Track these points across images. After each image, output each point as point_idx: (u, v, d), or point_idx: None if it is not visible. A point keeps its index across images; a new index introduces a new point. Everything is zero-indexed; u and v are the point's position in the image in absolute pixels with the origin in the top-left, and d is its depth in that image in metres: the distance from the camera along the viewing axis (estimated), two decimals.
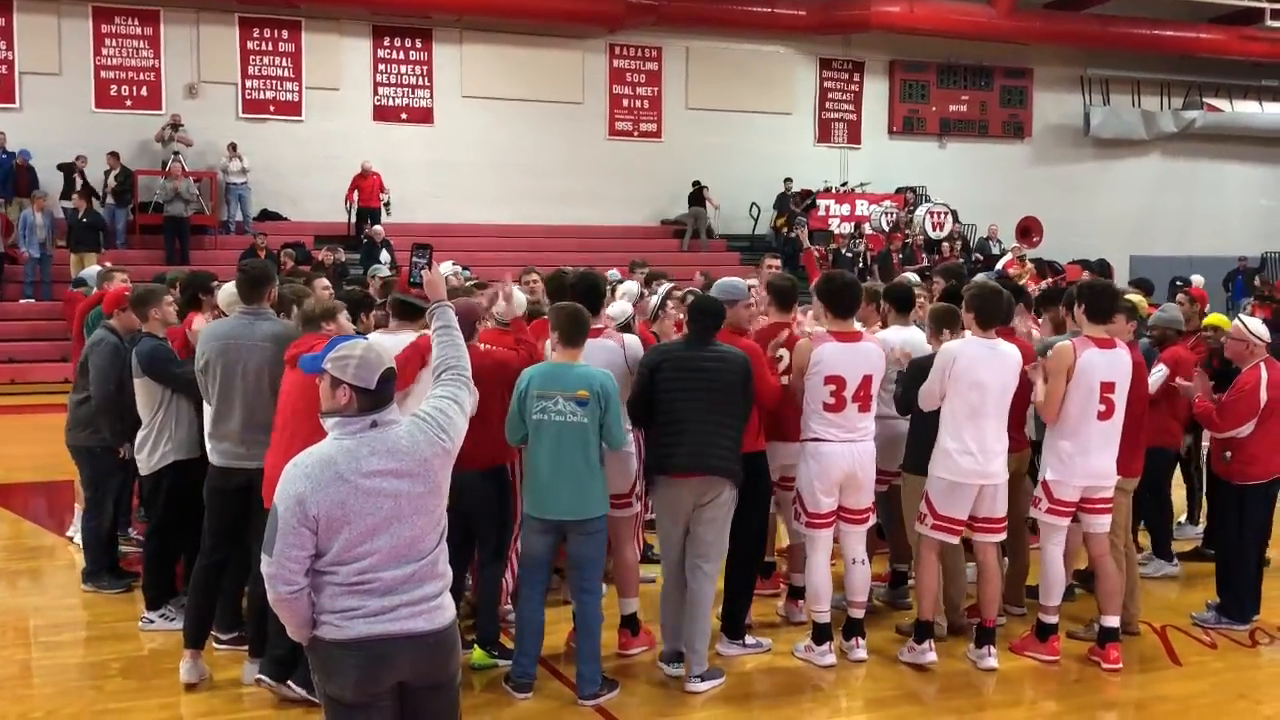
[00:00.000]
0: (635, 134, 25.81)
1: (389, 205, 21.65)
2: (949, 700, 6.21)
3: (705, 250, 24.50)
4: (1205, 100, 29.78)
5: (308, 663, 5.54)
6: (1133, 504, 7.29)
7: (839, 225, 25.41)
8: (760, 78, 26.32)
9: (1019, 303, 7.62)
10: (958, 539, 6.64)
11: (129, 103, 22.09)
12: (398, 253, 20.35)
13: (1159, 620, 7.31)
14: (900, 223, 24.68)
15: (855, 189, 26.17)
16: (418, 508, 3.79)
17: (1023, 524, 7.24)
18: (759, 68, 26.33)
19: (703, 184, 24.69)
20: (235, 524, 6.21)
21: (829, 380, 6.42)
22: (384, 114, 23.87)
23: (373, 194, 21.79)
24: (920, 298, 8.36)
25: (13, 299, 19.53)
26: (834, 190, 26.14)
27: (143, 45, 22.15)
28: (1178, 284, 13.14)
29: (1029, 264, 20.65)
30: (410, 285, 4.90)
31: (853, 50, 27.25)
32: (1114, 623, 6.68)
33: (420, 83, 24.07)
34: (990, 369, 6.42)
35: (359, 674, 3.75)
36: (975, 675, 6.52)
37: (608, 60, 25.52)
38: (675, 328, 7.62)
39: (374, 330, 6.69)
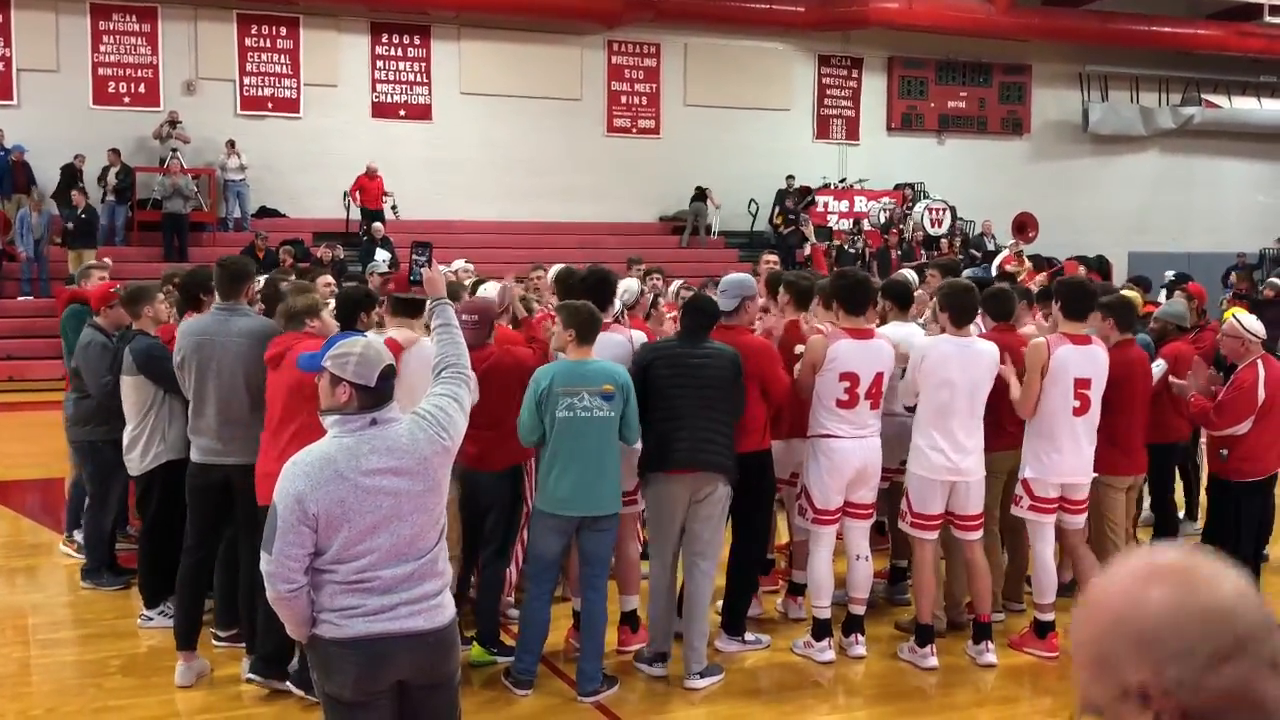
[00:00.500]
0: (634, 130, 25.79)
1: (396, 209, 21.52)
2: (948, 696, 6.22)
3: (704, 247, 24.50)
4: (1203, 96, 29.75)
5: (304, 660, 5.58)
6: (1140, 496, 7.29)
7: (837, 222, 25.41)
8: (759, 74, 26.30)
9: (1023, 300, 7.63)
10: (935, 536, 6.62)
11: (127, 100, 22.05)
12: (397, 250, 20.37)
13: None
14: (895, 219, 24.63)
15: (854, 185, 26.16)
16: (417, 506, 3.79)
17: (1021, 522, 7.22)
18: (757, 64, 26.31)
19: (705, 188, 24.69)
20: (217, 520, 6.23)
21: (843, 377, 6.43)
22: (382, 111, 23.84)
23: (376, 196, 21.71)
24: (918, 293, 8.40)
25: (10, 296, 19.51)
26: (832, 187, 26.14)
27: (140, 42, 22.11)
28: (1171, 280, 13.09)
29: (1026, 260, 20.67)
30: (410, 283, 4.90)
31: (851, 46, 27.22)
32: None
33: (419, 79, 24.05)
34: (960, 367, 6.41)
35: (358, 672, 3.75)
36: (974, 671, 6.52)
37: (606, 57, 25.50)
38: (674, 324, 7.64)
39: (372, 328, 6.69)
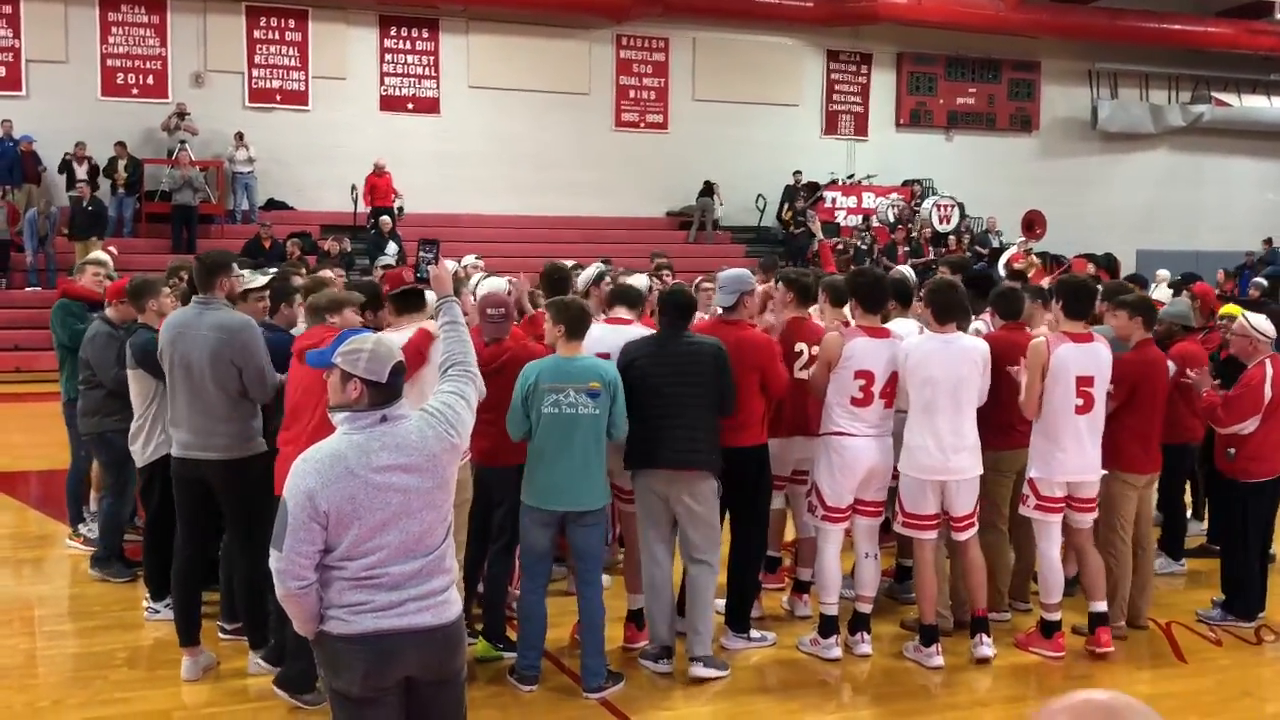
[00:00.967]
0: (642, 125, 25.76)
1: (402, 210, 21.49)
2: (953, 695, 6.21)
3: (711, 242, 24.48)
4: (1213, 94, 29.66)
5: (295, 659, 5.59)
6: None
7: (845, 218, 25.36)
8: (767, 69, 26.26)
9: (1038, 299, 7.63)
10: (930, 535, 6.60)
11: (135, 91, 22.07)
12: (405, 243, 20.39)
13: (1164, 616, 7.31)
14: (903, 216, 24.57)
15: (862, 181, 26.12)
16: (426, 503, 3.79)
17: (1028, 521, 7.21)
18: (766, 59, 26.27)
19: (714, 183, 24.66)
20: (202, 515, 6.25)
21: (859, 375, 6.43)
22: (390, 104, 23.83)
23: (386, 193, 21.65)
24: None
25: (18, 287, 19.54)
26: (840, 182, 26.10)
27: (149, 34, 22.11)
28: (1177, 280, 13.05)
29: (1034, 257, 20.62)
30: (417, 280, 4.90)
31: (860, 42, 27.17)
32: (1102, 607, 6.72)
33: (427, 73, 24.04)
34: (942, 364, 6.39)
35: (366, 669, 3.75)
36: (979, 670, 6.52)
37: (614, 51, 25.47)
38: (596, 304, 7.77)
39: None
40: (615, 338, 6.53)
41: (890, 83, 27.69)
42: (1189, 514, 9.32)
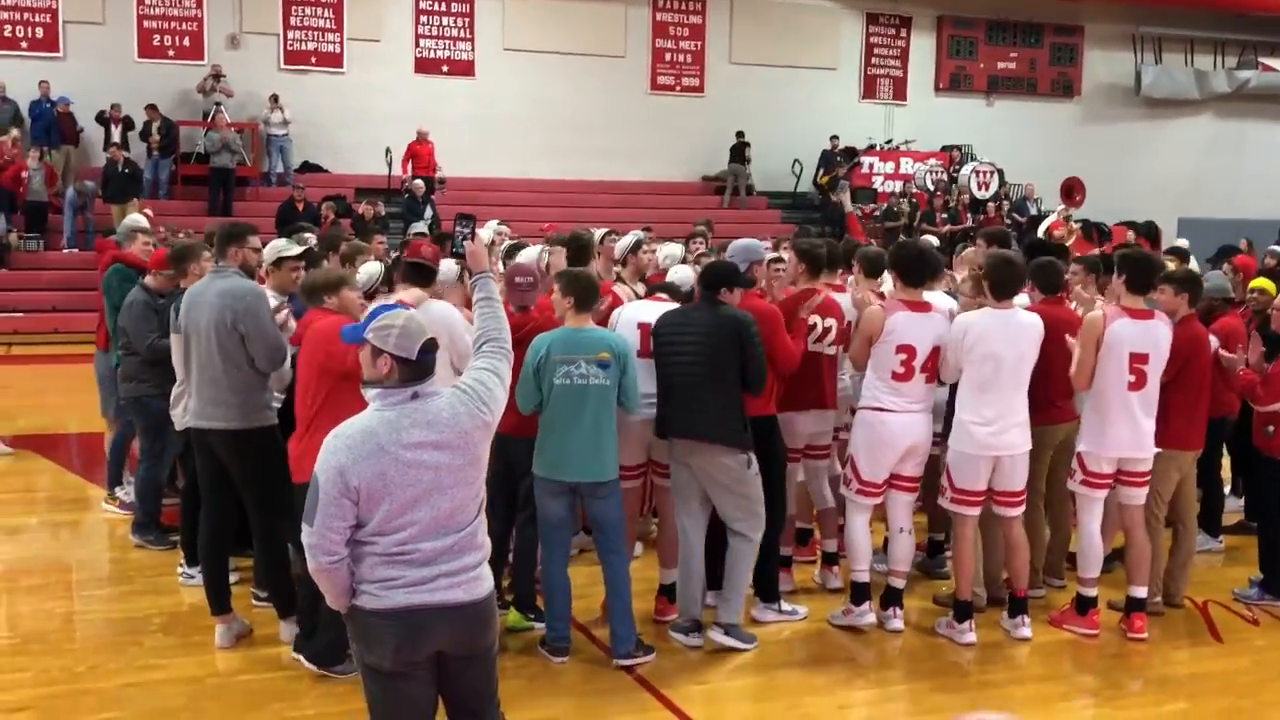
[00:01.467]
0: (678, 89, 25.58)
1: (443, 182, 21.39)
2: (986, 673, 6.18)
3: (745, 207, 24.34)
4: (1260, 60, 29.13)
5: (326, 627, 5.61)
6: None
7: (883, 183, 25.15)
8: (805, 32, 25.99)
9: (1092, 272, 7.53)
10: (977, 512, 6.55)
11: (171, 53, 22.09)
12: (439, 207, 20.37)
13: (1201, 594, 7.24)
14: (938, 185, 24.28)
15: (900, 147, 25.87)
16: (458, 479, 3.79)
17: (1065, 494, 7.15)
18: (804, 22, 26.00)
19: (745, 139, 24.44)
20: (222, 483, 6.25)
21: (900, 349, 6.38)
22: (425, 66, 23.75)
23: (428, 162, 21.56)
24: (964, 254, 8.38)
25: (56, 248, 19.68)
26: (878, 148, 25.85)
27: None
28: (1217, 252, 12.85)
29: (1075, 225, 20.38)
30: (453, 255, 4.88)
31: (900, 5, 26.85)
32: (1142, 593, 6.67)
33: (462, 35, 23.94)
34: (1004, 340, 6.32)
35: (397, 643, 3.76)
36: (1012, 647, 6.48)
37: (650, 13, 25.26)
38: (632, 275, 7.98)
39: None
40: (653, 313, 6.48)
41: (930, 46, 27.36)
42: (1226, 490, 9.22)
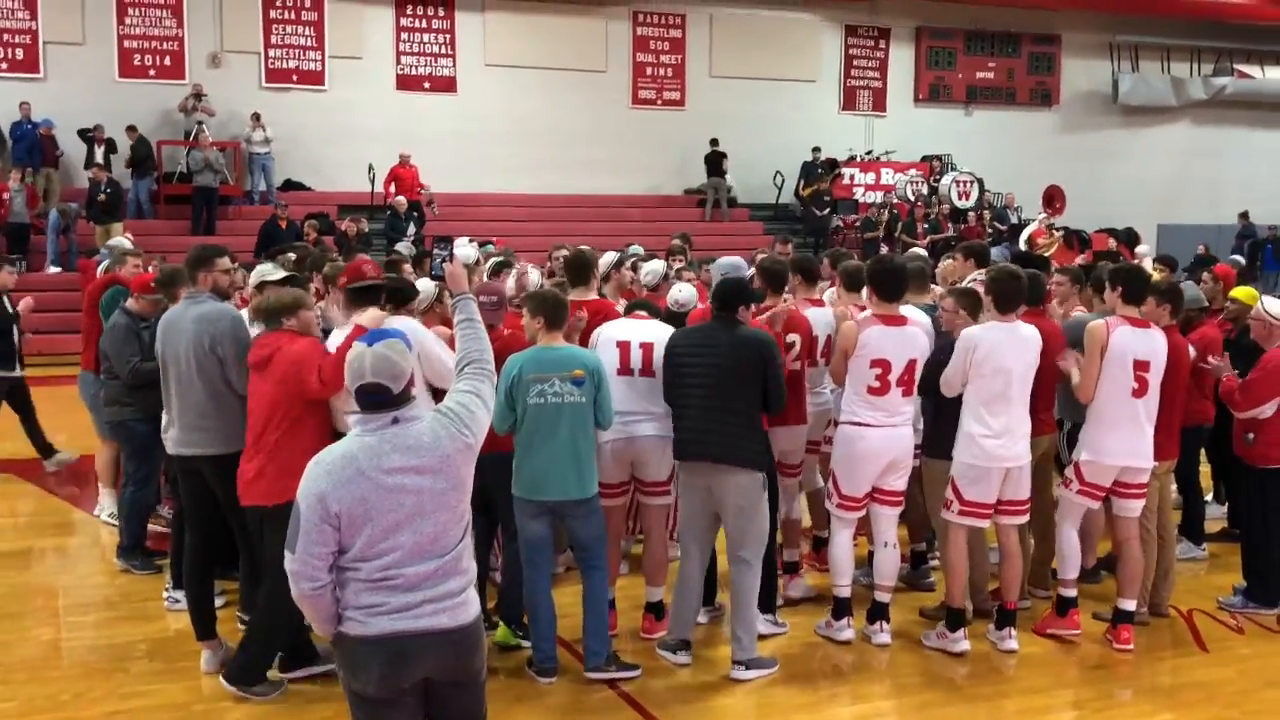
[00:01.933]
0: (659, 102, 25.65)
1: (433, 204, 21.21)
2: (974, 686, 6.19)
3: (726, 220, 24.40)
4: (1235, 66, 29.39)
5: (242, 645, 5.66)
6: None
7: (864, 194, 25.25)
8: (785, 45, 26.10)
9: (1076, 283, 7.57)
10: (987, 523, 6.61)
11: (152, 72, 22.09)
12: (430, 222, 20.34)
13: (1186, 604, 7.27)
14: (918, 195, 24.33)
15: (880, 158, 25.96)
16: (440, 504, 3.78)
17: (1051, 507, 7.19)
18: (784, 35, 26.11)
19: (720, 147, 24.44)
20: (206, 509, 6.24)
21: (874, 364, 6.40)
22: (407, 83, 23.79)
23: (411, 186, 21.42)
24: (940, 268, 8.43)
25: (38, 270, 19.60)
26: (859, 159, 25.94)
27: (165, 14, 22.10)
28: (1194, 260, 12.98)
29: (1057, 233, 20.49)
30: (432, 278, 4.89)
31: (878, 16, 26.99)
32: (1130, 606, 6.72)
33: (443, 51, 23.98)
34: (1012, 353, 6.39)
35: (382, 670, 3.76)
36: (999, 659, 6.50)
37: (631, 28, 25.35)
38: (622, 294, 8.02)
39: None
40: (632, 331, 6.53)
41: (909, 57, 27.50)
42: (1209, 498, 9.27)
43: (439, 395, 5.40)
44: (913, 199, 23.91)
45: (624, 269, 8.68)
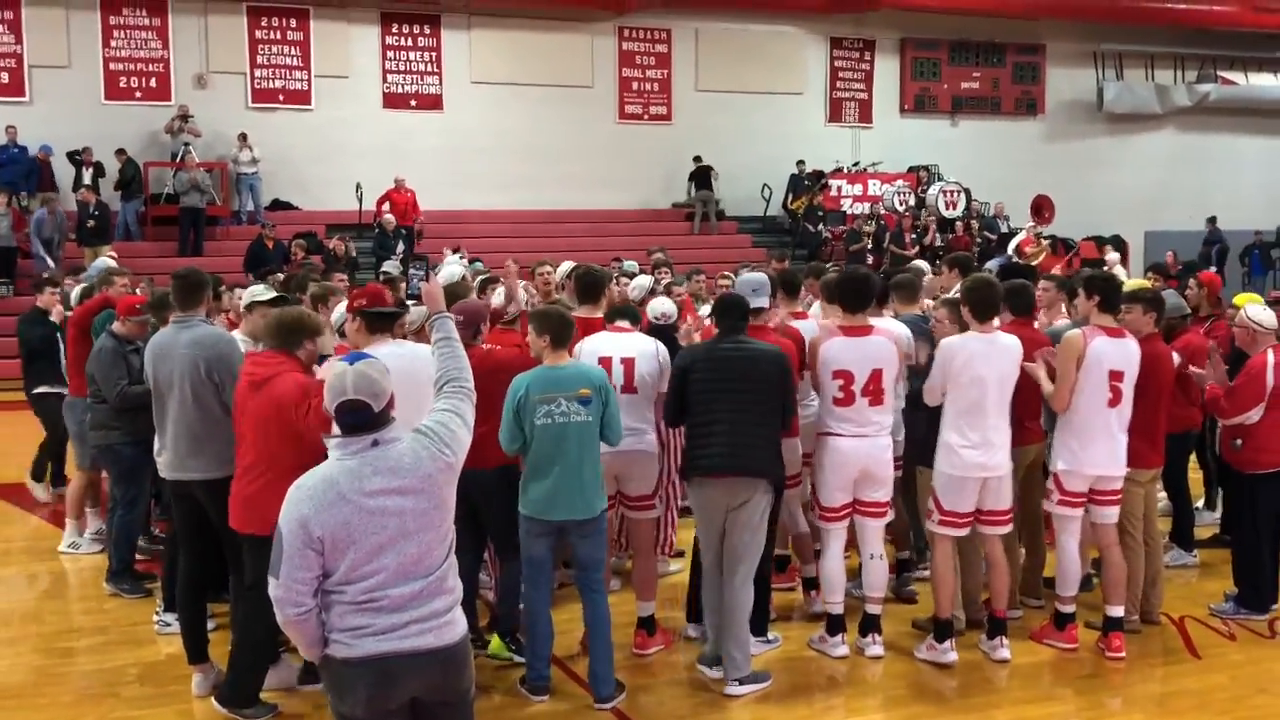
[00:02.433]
0: (645, 117, 25.70)
1: (421, 234, 21.06)
2: (966, 697, 6.19)
3: (715, 233, 24.43)
4: (1219, 73, 29.48)
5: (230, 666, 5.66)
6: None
7: (851, 205, 25.30)
8: (771, 58, 26.17)
9: (1062, 289, 7.59)
10: (965, 532, 6.61)
11: (139, 94, 22.09)
12: (418, 241, 20.33)
13: (1177, 611, 7.28)
14: (906, 205, 24.35)
15: (867, 169, 26.03)
16: (423, 524, 3.78)
17: (1040, 516, 7.21)
18: (769, 48, 26.18)
19: (703, 161, 24.51)
20: (198, 534, 6.19)
21: (836, 375, 6.44)
22: (393, 101, 23.81)
23: (406, 210, 21.26)
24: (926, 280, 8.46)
25: (25, 293, 19.53)
26: (846, 170, 26.01)
27: (151, 36, 22.12)
28: (1181, 268, 13.02)
29: (1044, 242, 20.55)
30: (408, 297, 4.89)
31: (863, 29, 27.07)
32: (1118, 612, 6.73)
33: (429, 69, 24.01)
34: (989, 363, 6.40)
35: (370, 692, 3.75)
36: (991, 669, 6.50)
37: (617, 43, 25.40)
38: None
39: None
40: (614, 346, 6.53)
41: (894, 69, 27.58)
42: (1200, 503, 9.29)
43: None
44: (900, 210, 23.97)
45: (612, 285, 8.71)
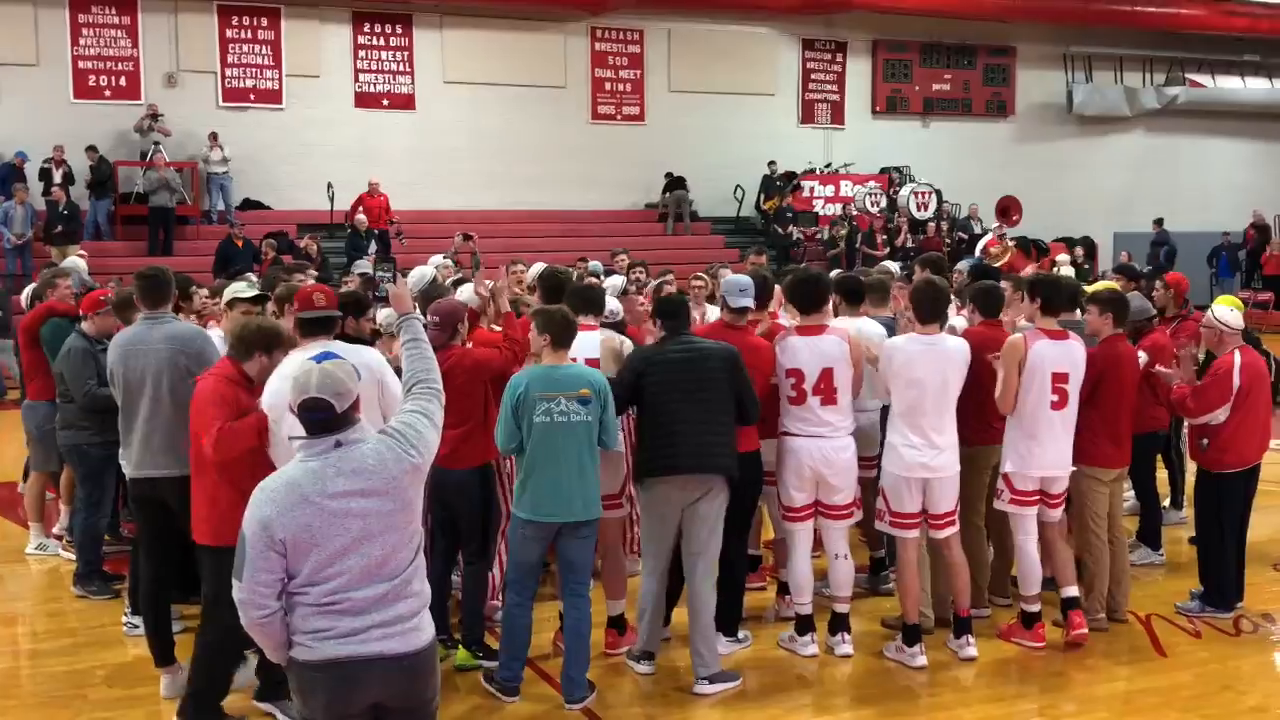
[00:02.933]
0: (618, 118, 25.70)
1: (400, 236, 20.86)
2: (935, 695, 6.23)
3: (689, 234, 24.45)
4: (1188, 76, 29.72)
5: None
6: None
7: (823, 206, 25.38)
8: (743, 59, 26.21)
9: (1019, 290, 7.64)
10: (915, 533, 6.62)
11: (108, 93, 21.91)
12: (392, 239, 20.25)
13: (1144, 609, 7.35)
14: (875, 206, 24.42)
15: (839, 170, 26.12)
16: (387, 526, 3.75)
17: (1005, 517, 7.24)
18: (741, 49, 26.22)
19: (675, 174, 24.58)
20: (163, 534, 6.13)
21: (789, 373, 6.50)
22: (365, 101, 23.71)
23: (380, 215, 21.15)
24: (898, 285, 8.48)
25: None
26: (818, 171, 26.09)
27: (121, 35, 21.94)
28: (1149, 269, 13.11)
29: (1010, 243, 20.66)
30: (375, 299, 4.90)
31: (835, 30, 27.15)
32: (1073, 592, 6.83)
33: (401, 69, 23.93)
34: (927, 366, 6.42)
35: (329, 696, 3.72)
36: (959, 668, 6.54)
37: (589, 44, 25.38)
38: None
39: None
40: (578, 347, 6.44)
41: (866, 70, 27.68)
42: (1167, 503, 9.36)
43: None
44: (873, 211, 24.06)
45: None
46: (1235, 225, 28.28)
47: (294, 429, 3.82)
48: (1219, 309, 7.38)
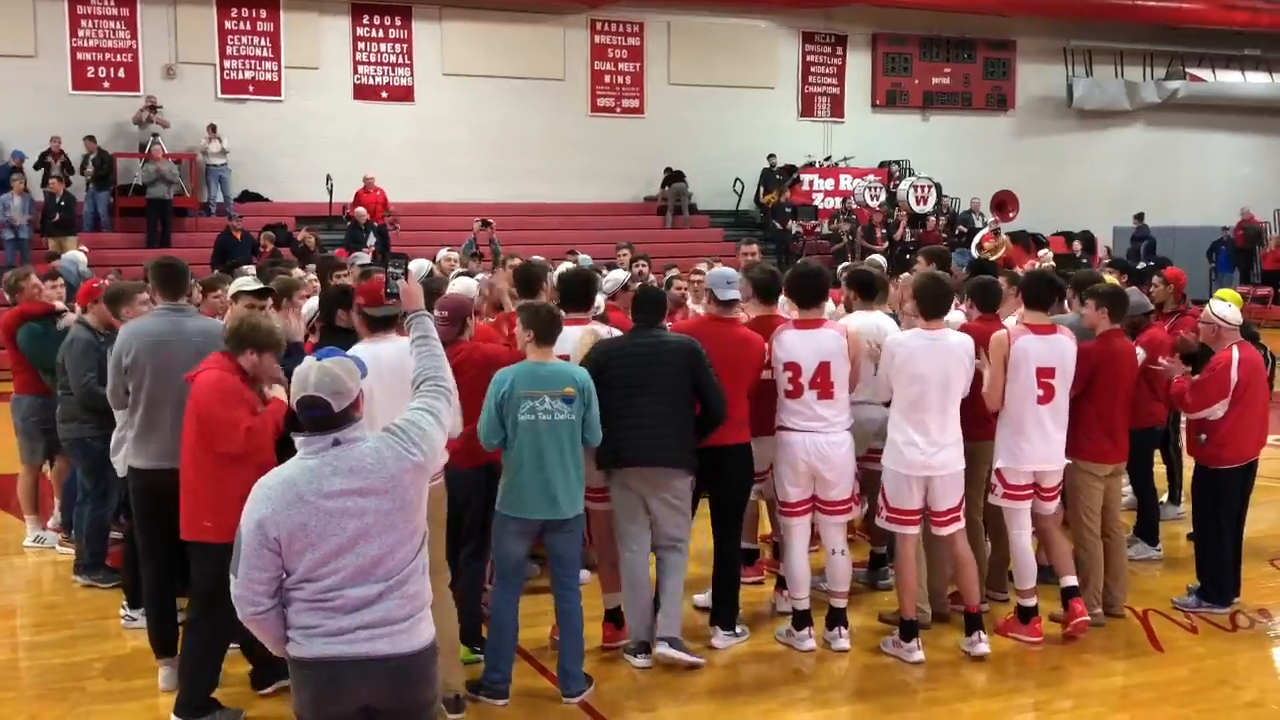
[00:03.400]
0: (617, 110, 25.68)
1: (395, 226, 20.92)
2: (933, 690, 6.23)
3: (688, 227, 24.45)
4: (1188, 70, 29.72)
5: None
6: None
7: (823, 200, 25.37)
8: (742, 52, 26.19)
9: (1014, 284, 7.64)
10: (914, 530, 6.61)
11: (106, 85, 21.90)
12: (390, 233, 20.22)
13: (1143, 603, 7.35)
14: (875, 200, 24.40)
15: (839, 164, 26.10)
16: (385, 525, 3.71)
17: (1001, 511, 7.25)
18: (741, 42, 26.20)
19: (675, 169, 24.60)
20: (161, 535, 6.04)
21: (787, 367, 6.51)
22: (364, 93, 23.71)
23: (376, 209, 21.11)
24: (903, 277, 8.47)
25: None
26: (818, 165, 26.08)
27: (119, 26, 21.93)
28: (1147, 265, 13.10)
29: (1004, 237, 20.69)
30: (387, 296, 4.89)
31: (835, 23, 27.13)
32: (1071, 581, 6.83)
33: (400, 61, 23.92)
34: (930, 362, 6.40)
35: (314, 694, 3.71)
36: (958, 663, 6.54)
37: (589, 36, 25.36)
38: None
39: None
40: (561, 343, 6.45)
41: (865, 64, 27.66)
42: (1165, 498, 9.36)
43: None
44: (872, 205, 24.04)
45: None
46: (1236, 220, 28.27)
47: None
48: (1217, 304, 7.38)
